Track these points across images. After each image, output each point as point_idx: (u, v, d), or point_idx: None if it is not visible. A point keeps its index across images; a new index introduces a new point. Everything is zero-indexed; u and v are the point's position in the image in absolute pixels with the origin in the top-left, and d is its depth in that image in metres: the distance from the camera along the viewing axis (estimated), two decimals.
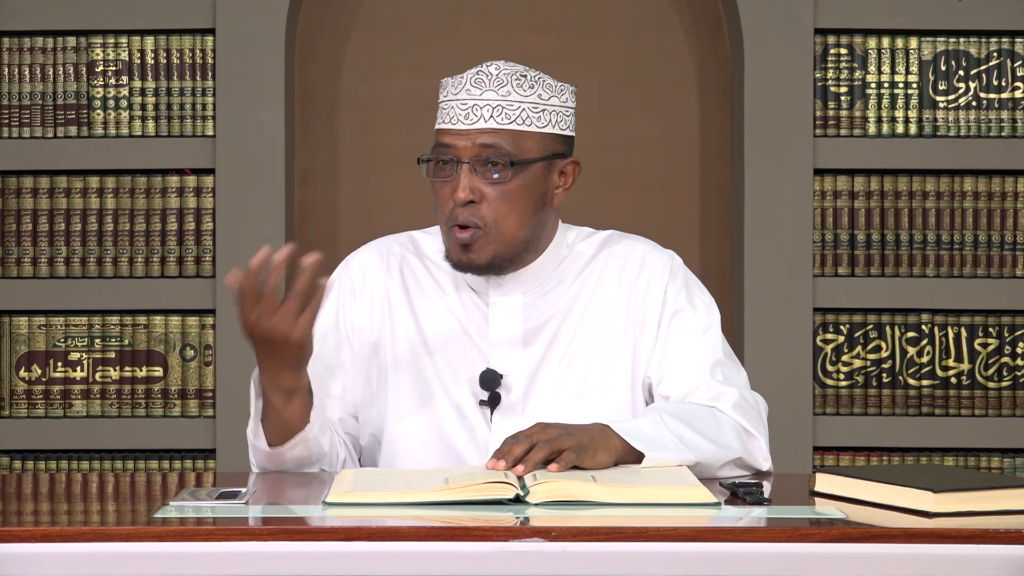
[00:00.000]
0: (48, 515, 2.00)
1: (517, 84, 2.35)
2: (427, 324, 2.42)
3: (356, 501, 1.96)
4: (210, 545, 1.78)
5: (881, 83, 4.01)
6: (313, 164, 4.20)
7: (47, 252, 3.98)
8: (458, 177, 2.33)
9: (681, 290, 2.44)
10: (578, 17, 4.20)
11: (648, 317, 2.42)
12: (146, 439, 3.97)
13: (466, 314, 2.42)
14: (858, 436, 3.99)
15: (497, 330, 2.40)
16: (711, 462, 2.25)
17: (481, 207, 2.33)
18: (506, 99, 2.35)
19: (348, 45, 4.22)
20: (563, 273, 2.44)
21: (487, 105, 2.34)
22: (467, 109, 2.34)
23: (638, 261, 2.45)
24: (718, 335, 2.43)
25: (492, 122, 2.34)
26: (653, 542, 1.78)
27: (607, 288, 2.44)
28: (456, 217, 2.33)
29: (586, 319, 2.42)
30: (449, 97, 2.37)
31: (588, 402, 2.38)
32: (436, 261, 2.45)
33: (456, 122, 2.34)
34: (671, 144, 4.21)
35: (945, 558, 1.78)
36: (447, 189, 2.34)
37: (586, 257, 2.46)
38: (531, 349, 2.40)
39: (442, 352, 2.41)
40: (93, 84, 3.99)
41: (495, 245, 2.35)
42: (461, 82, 2.36)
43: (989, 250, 4.00)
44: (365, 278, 2.46)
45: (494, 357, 2.39)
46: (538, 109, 2.36)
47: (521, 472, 2.08)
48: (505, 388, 2.38)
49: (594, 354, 2.41)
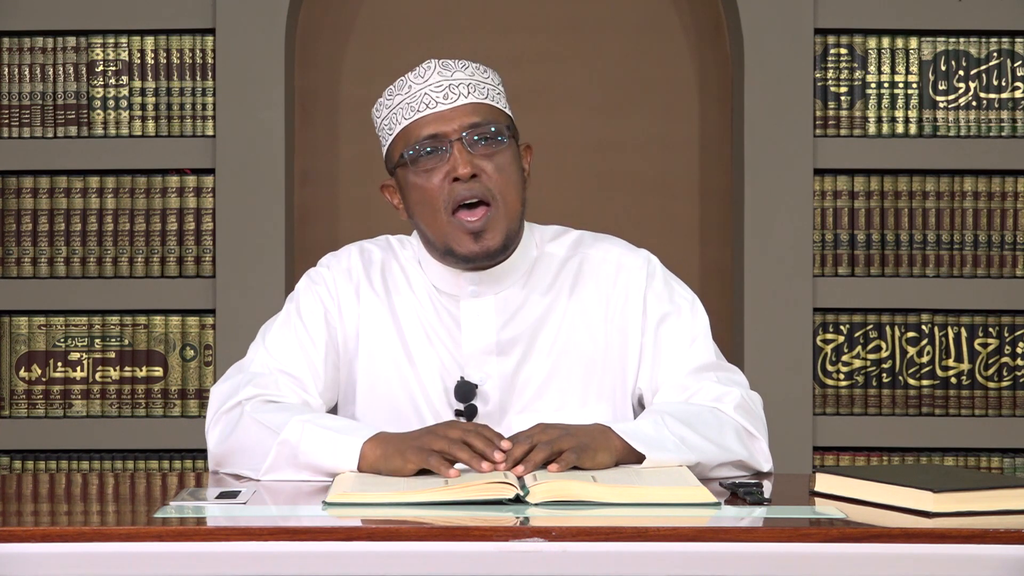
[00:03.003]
0: (48, 515, 2.00)
1: (475, 66, 2.33)
2: (405, 331, 2.38)
3: (356, 501, 1.95)
4: (210, 545, 1.78)
5: (881, 83, 4.01)
6: (313, 164, 4.20)
7: (47, 252, 3.98)
8: (453, 156, 2.28)
9: (662, 293, 2.40)
10: (578, 17, 4.20)
11: (630, 326, 2.38)
12: (146, 439, 3.97)
13: (440, 322, 2.38)
14: (858, 436, 3.99)
15: (470, 338, 2.36)
16: (712, 463, 2.24)
17: (483, 180, 2.28)
18: (473, 77, 2.32)
19: (348, 45, 4.22)
20: (535, 276, 2.40)
21: (461, 83, 2.31)
22: (444, 90, 2.30)
23: (613, 265, 2.41)
24: (708, 339, 2.40)
25: (472, 97, 2.30)
26: (653, 542, 1.78)
27: (583, 294, 2.40)
28: (459, 199, 2.28)
29: (563, 327, 2.38)
30: (414, 90, 2.31)
31: (567, 413, 2.34)
32: (411, 268, 2.41)
33: (436, 105, 2.30)
34: (671, 144, 4.21)
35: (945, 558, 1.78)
36: (438, 175, 2.29)
37: (558, 259, 2.41)
38: (506, 358, 2.36)
39: (419, 361, 2.37)
40: (93, 84, 3.99)
41: (505, 220, 2.30)
42: (424, 72, 2.31)
43: (989, 250, 4.00)
44: (350, 281, 2.41)
45: (469, 366, 2.36)
46: (497, 91, 2.35)
47: (521, 473, 2.07)
48: (481, 398, 2.35)
49: (574, 364, 2.37)
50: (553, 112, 4.11)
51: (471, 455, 2.04)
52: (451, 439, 2.06)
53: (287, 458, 2.18)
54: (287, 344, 2.38)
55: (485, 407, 2.35)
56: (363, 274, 2.42)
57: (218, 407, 2.32)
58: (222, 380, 2.37)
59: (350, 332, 2.40)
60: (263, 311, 3.94)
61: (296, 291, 2.44)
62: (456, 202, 2.28)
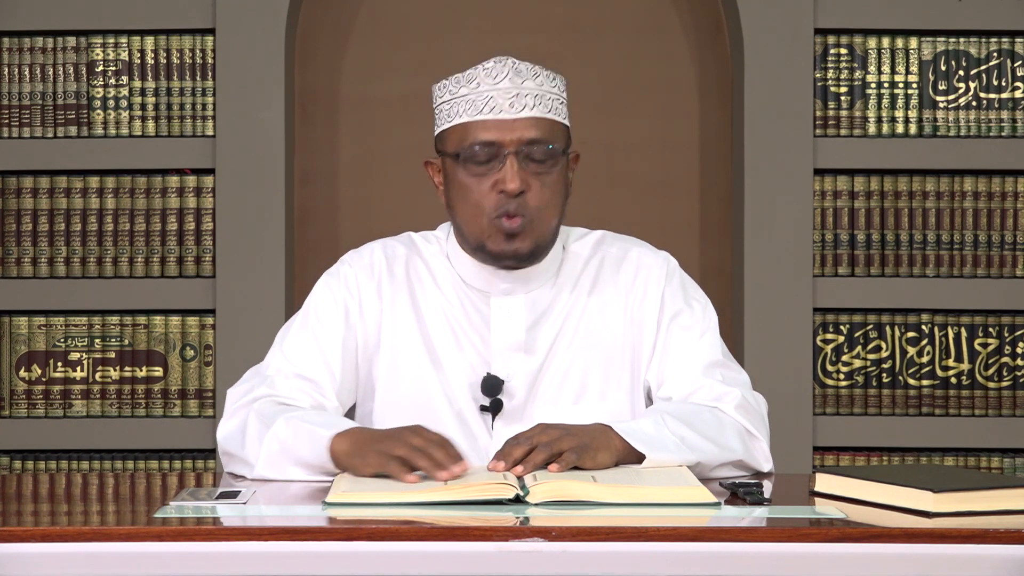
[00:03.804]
0: (48, 515, 2.00)
1: (546, 75, 2.35)
2: (429, 327, 2.40)
3: (356, 501, 1.96)
4: (210, 545, 1.78)
5: (881, 83, 4.01)
6: (313, 164, 4.20)
7: (47, 252, 3.98)
8: (504, 168, 2.30)
9: (678, 292, 2.44)
10: (578, 17, 4.20)
11: (646, 320, 2.42)
12: (146, 439, 3.97)
13: (467, 319, 2.40)
14: (858, 436, 3.99)
15: (499, 336, 2.39)
16: (712, 463, 2.25)
17: (527, 197, 2.31)
18: (542, 88, 2.34)
19: (348, 45, 4.22)
20: (562, 276, 2.43)
21: (529, 94, 2.32)
22: (512, 97, 2.31)
23: (634, 264, 2.45)
24: (716, 337, 2.43)
25: (536, 111, 2.32)
26: (653, 542, 1.78)
27: (604, 292, 2.43)
28: (505, 208, 2.30)
29: (584, 323, 2.41)
30: (482, 89, 2.32)
31: (588, 407, 2.37)
32: (437, 264, 2.44)
33: (500, 112, 2.31)
34: (671, 144, 4.21)
35: (945, 558, 1.78)
36: (488, 181, 2.31)
37: (582, 259, 2.45)
38: (532, 355, 2.39)
39: (444, 357, 2.39)
40: (93, 84, 3.99)
41: (536, 234, 2.33)
42: (496, 74, 2.33)
43: (989, 250, 4.00)
44: (371, 277, 2.42)
45: (496, 363, 2.38)
46: (560, 101, 2.37)
47: (521, 473, 2.07)
48: (507, 394, 2.37)
49: (594, 359, 2.40)
50: None
51: (431, 464, 2.04)
52: (413, 446, 2.07)
53: (276, 453, 2.21)
54: (304, 347, 2.39)
55: (510, 402, 2.37)
56: (385, 270, 2.43)
57: (230, 406, 2.35)
58: (239, 383, 2.39)
59: (371, 329, 2.41)
60: (263, 311, 3.96)
61: (314, 291, 2.45)
62: (499, 211, 2.31)
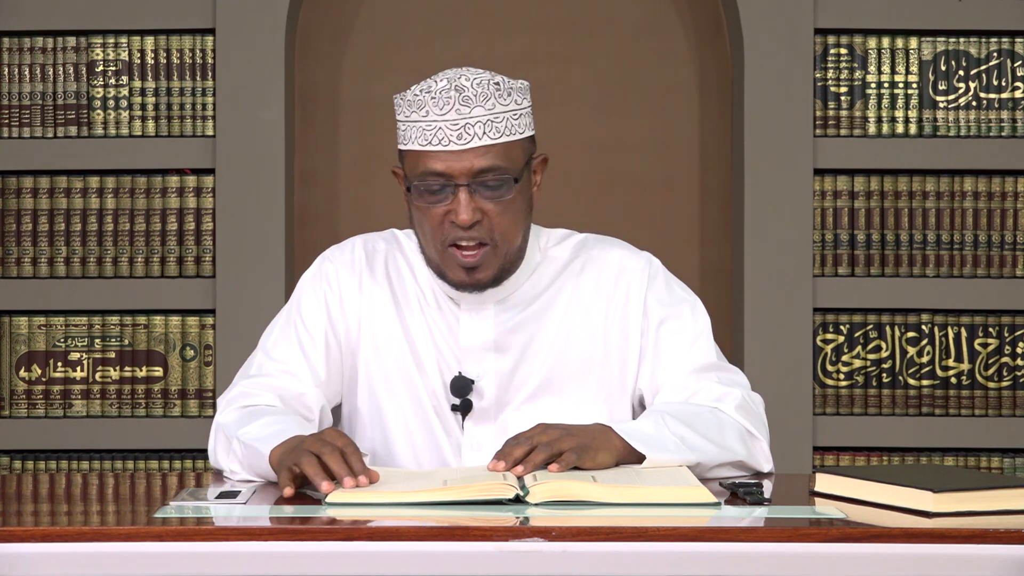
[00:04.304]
0: (48, 515, 2.00)
1: (498, 95, 2.27)
2: (409, 324, 2.39)
3: (356, 501, 1.96)
4: (210, 545, 1.78)
5: (881, 83, 4.01)
6: (313, 164, 4.20)
7: (47, 252, 3.98)
8: (457, 200, 2.25)
9: (663, 295, 2.40)
10: (578, 17, 4.20)
11: (630, 327, 2.38)
12: (146, 439, 3.97)
13: (442, 317, 2.38)
14: (858, 436, 3.99)
15: (468, 335, 2.36)
16: (712, 463, 2.24)
17: (484, 224, 2.27)
18: (492, 112, 2.26)
19: (348, 45, 4.22)
20: (537, 279, 2.39)
21: (478, 122, 2.25)
22: (459, 129, 2.25)
23: (615, 267, 2.41)
24: (710, 340, 2.40)
25: (486, 139, 2.25)
26: (653, 542, 1.78)
27: (584, 296, 2.39)
28: (456, 239, 2.26)
29: (563, 327, 2.38)
30: (431, 118, 2.25)
31: (563, 412, 2.33)
32: (417, 260, 2.41)
33: (449, 144, 2.25)
34: (671, 144, 4.21)
35: (945, 558, 1.78)
36: (438, 211, 2.26)
37: (560, 262, 2.41)
38: (504, 355, 2.36)
39: (423, 353, 2.37)
40: (93, 84, 3.99)
41: (501, 259, 2.29)
42: (445, 101, 2.25)
43: (989, 250, 4.00)
44: (352, 273, 2.41)
45: (466, 362, 2.36)
46: (516, 116, 2.29)
47: (521, 473, 2.07)
48: (477, 394, 2.35)
49: (571, 363, 2.37)
50: (553, 112, 4.10)
51: (316, 471, 2.01)
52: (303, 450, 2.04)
53: (243, 470, 2.22)
54: (287, 344, 2.39)
55: (480, 402, 2.35)
56: (366, 265, 2.42)
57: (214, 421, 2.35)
58: (228, 389, 2.38)
59: (352, 324, 2.40)
60: (263, 311, 3.95)
61: (297, 289, 2.45)
62: (452, 240, 2.28)
